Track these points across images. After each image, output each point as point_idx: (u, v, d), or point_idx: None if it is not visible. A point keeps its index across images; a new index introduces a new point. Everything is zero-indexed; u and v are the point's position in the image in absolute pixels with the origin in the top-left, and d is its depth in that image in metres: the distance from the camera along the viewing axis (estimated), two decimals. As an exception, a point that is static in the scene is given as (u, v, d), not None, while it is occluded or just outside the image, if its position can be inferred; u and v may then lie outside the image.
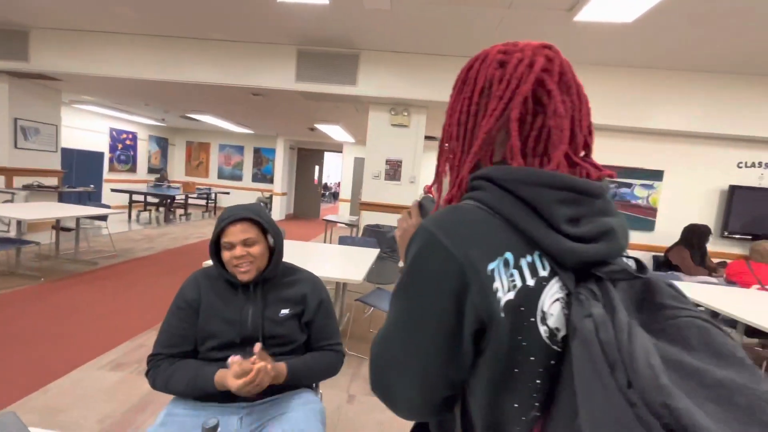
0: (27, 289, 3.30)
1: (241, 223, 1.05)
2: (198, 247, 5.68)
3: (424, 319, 0.44)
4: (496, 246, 0.42)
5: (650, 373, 0.33)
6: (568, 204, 0.42)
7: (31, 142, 5.60)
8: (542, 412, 0.43)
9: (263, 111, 6.33)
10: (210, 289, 1.10)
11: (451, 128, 0.54)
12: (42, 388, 1.97)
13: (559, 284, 0.42)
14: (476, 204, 0.45)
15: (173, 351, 1.05)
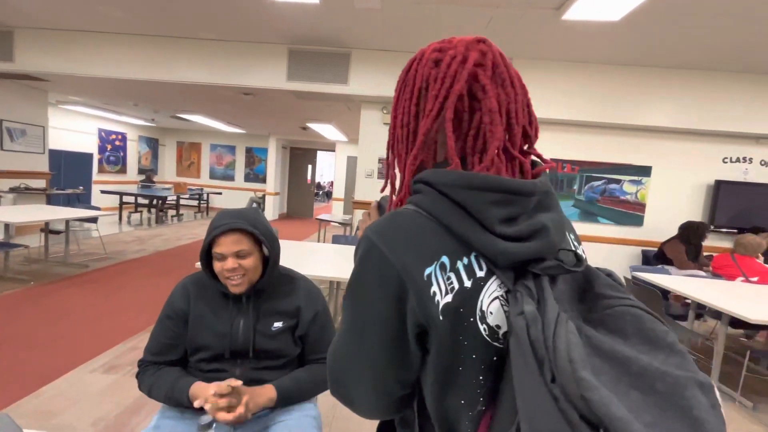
0: (16, 293, 3.26)
1: (233, 233, 0.99)
2: (190, 248, 5.64)
3: (369, 325, 0.46)
4: (433, 251, 0.43)
5: (569, 367, 0.34)
6: (500, 205, 0.43)
7: (18, 144, 5.51)
8: (487, 407, 0.44)
9: (255, 110, 6.29)
10: (200, 299, 1.05)
11: (395, 131, 0.54)
12: (35, 392, 1.96)
13: (498, 283, 0.43)
14: (415, 209, 0.46)
15: (160, 359, 1.03)
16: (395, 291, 0.43)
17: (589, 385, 0.33)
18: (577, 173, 4.30)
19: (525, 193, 0.44)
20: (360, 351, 0.47)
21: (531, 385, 0.37)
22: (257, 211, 1.07)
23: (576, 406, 0.33)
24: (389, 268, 0.43)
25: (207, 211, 9.65)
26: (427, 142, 0.50)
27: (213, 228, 0.99)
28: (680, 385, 0.34)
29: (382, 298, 0.44)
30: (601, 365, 0.36)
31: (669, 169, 4.29)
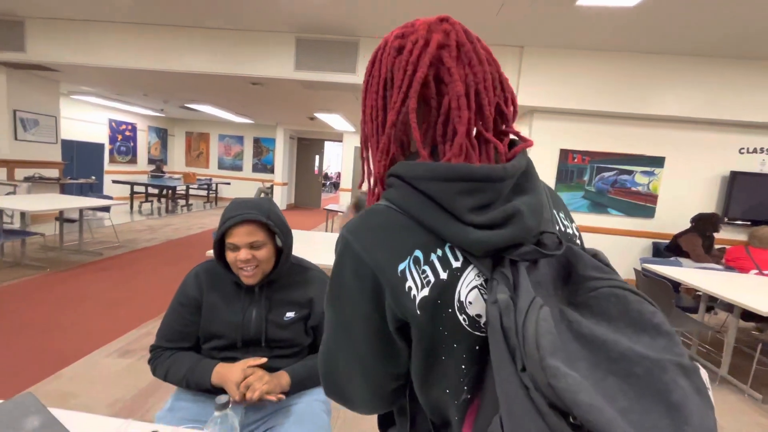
0: (34, 280, 3.35)
1: (248, 224, 0.98)
2: (200, 237, 5.72)
3: (353, 323, 0.46)
4: (405, 246, 0.43)
5: (537, 355, 0.34)
6: (469, 194, 0.42)
7: (31, 134, 5.60)
8: (473, 395, 0.44)
9: (262, 100, 6.29)
10: (212, 288, 1.06)
11: (365, 125, 0.53)
12: (54, 374, 2.03)
13: (476, 272, 0.43)
14: (387, 204, 0.46)
15: (173, 345, 1.05)
16: (371, 288, 0.44)
17: (556, 372, 0.32)
18: (588, 164, 4.25)
19: (494, 179, 0.42)
20: (347, 349, 0.47)
21: (505, 375, 0.37)
22: (271, 202, 1.07)
23: (545, 395, 0.33)
24: (363, 266, 0.44)
25: (216, 201, 9.75)
26: (396, 134, 0.49)
27: (227, 218, 0.98)
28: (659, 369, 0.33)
29: (361, 296, 0.44)
30: (580, 350, 0.36)
31: (683, 159, 4.21)
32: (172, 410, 1.01)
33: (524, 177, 0.46)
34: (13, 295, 3.01)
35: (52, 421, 0.80)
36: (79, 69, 4.83)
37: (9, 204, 3.65)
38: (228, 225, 0.97)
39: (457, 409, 0.45)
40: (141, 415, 1.76)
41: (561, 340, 0.35)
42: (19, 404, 0.84)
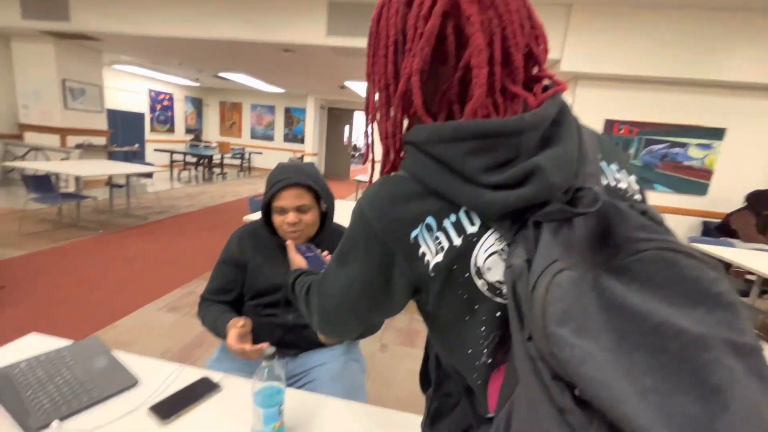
0: (88, 240, 3.64)
1: (296, 188, 1.00)
2: (235, 205, 5.94)
3: (353, 283, 0.48)
4: (417, 213, 0.42)
5: (541, 323, 0.32)
6: (479, 153, 0.39)
7: (79, 103, 5.89)
8: (495, 360, 0.43)
9: (294, 68, 6.24)
10: (256, 249, 1.09)
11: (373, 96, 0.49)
12: (111, 324, 2.23)
13: (496, 236, 0.41)
14: (401, 172, 0.45)
15: (216, 298, 1.12)
16: (380, 255, 0.44)
17: (560, 342, 0.30)
18: (636, 136, 3.95)
19: (509, 133, 0.39)
20: (345, 301, 0.50)
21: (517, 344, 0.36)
22: (315, 167, 1.09)
23: (549, 365, 0.31)
24: (374, 235, 0.44)
25: (249, 171, 10.01)
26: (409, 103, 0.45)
27: (275, 181, 1.01)
28: (699, 346, 0.28)
29: (366, 262, 0.46)
30: (608, 322, 0.32)
31: (747, 132, 3.82)
32: (219, 360, 1.09)
33: (555, 127, 0.41)
34: (72, 252, 3.29)
35: (115, 361, 0.89)
36: (119, 38, 4.96)
37: (64, 169, 3.92)
38: (277, 188, 1.00)
39: (478, 371, 0.44)
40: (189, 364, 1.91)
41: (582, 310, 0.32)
42: (87, 345, 0.93)
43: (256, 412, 0.68)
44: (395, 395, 1.84)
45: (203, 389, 0.82)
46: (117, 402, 0.77)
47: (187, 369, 0.89)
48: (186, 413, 0.76)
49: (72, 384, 0.79)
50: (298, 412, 0.79)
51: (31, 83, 5.59)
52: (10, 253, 3.09)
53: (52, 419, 0.69)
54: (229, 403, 0.80)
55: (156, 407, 0.75)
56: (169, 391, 0.81)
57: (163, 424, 0.72)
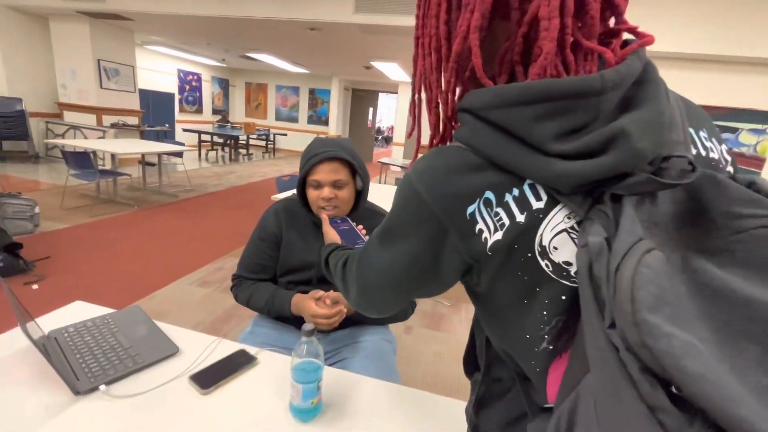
0: (124, 215, 3.79)
1: (333, 162, 0.98)
2: (261, 185, 6.03)
3: (399, 260, 0.44)
4: (474, 187, 0.38)
5: (629, 308, 0.27)
6: (550, 118, 0.34)
7: (113, 83, 6.06)
8: (556, 347, 0.40)
9: (319, 48, 6.16)
10: (291, 225, 1.08)
11: (422, 61, 0.45)
12: (148, 295, 2.33)
13: (566, 212, 0.36)
14: (456, 144, 0.41)
15: (253, 276, 1.12)
16: (431, 231, 0.41)
17: (653, 330, 0.26)
18: (681, 119, 3.69)
19: (587, 93, 0.34)
20: (388, 276, 0.47)
21: (592, 332, 0.32)
22: (351, 142, 1.05)
23: (638, 357, 0.27)
24: (425, 209, 0.40)
25: (274, 152, 10.12)
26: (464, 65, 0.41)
27: (311, 155, 0.98)
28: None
29: (415, 238, 0.42)
30: (704, 308, 0.28)
31: (808, 115, 3.49)
32: (252, 333, 1.10)
33: (638, 86, 0.36)
34: (110, 227, 3.44)
35: (156, 329, 0.91)
36: (151, 17, 5.01)
37: (101, 146, 4.07)
38: (314, 161, 0.97)
39: (536, 358, 0.41)
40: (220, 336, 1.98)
41: (674, 295, 0.28)
42: (129, 313, 0.96)
43: (295, 387, 0.67)
44: (421, 377, 1.84)
45: (241, 361, 0.83)
46: (159, 369, 0.79)
47: (224, 342, 0.90)
48: (225, 384, 0.76)
49: (117, 350, 0.81)
50: (334, 389, 0.79)
51: (69, 62, 5.78)
52: (53, 226, 3.26)
53: (100, 383, 0.72)
54: (266, 376, 0.81)
55: (196, 376, 0.76)
56: (208, 361, 0.82)
57: (203, 394, 0.73)
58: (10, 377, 0.73)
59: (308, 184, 1.01)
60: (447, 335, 2.21)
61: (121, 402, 0.70)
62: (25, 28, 5.60)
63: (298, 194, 1.04)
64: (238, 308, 2.28)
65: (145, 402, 0.70)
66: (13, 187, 4.04)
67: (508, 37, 0.39)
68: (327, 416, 0.72)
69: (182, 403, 0.71)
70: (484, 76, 0.39)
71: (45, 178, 4.98)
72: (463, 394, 1.74)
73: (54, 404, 0.68)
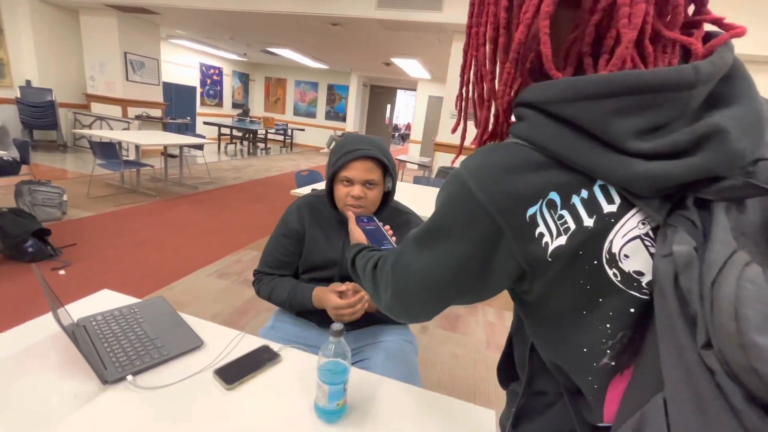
0: (147, 205, 3.87)
1: (368, 161, 0.96)
2: (278, 180, 6.08)
3: (443, 262, 0.41)
4: (537, 187, 0.35)
5: (733, 328, 0.25)
6: (631, 113, 0.31)
7: (138, 76, 6.20)
8: (618, 362, 0.37)
9: (340, 43, 6.15)
10: (314, 222, 1.07)
11: (476, 52, 0.42)
12: (168, 285, 2.37)
13: (640, 217, 0.34)
14: (515, 141, 0.38)
15: (275, 272, 1.11)
16: (483, 233, 0.38)
17: (766, 355, 0.23)
18: None
19: (679, 86, 0.31)
20: (430, 280, 0.43)
21: (676, 350, 0.29)
22: (384, 142, 1.04)
23: (743, 383, 0.24)
24: (479, 209, 0.37)
25: (291, 147, 10.20)
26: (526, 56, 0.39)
27: (346, 151, 0.96)
28: None
29: (465, 240, 0.39)
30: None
31: None
32: (273, 328, 1.10)
33: (726, 82, 0.33)
34: (132, 216, 3.52)
35: (180, 321, 0.91)
36: (176, 11, 5.10)
37: (126, 137, 4.16)
38: (349, 158, 0.95)
39: (594, 374, 0.38)
40: (238, 328, 2.00)
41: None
42: (154, 304, 0.96)
43: (321, 387, 0.66)
44: (437, 378, 1.82)
45: (265, 358, 0.82)
46: (183, 362, 0.78)
47: (247, 337, 0.90)
48: (249, 380, 0.76)
49: (143, 340, 0.81)
50: (357, 390, 0.77)
51: (97, 55, 5.94)
52: (79, 214, 3.36)
53: (127, 373, 0.72)
54: (290, 373, 0.80)
55: (221, 371, 0.76)
56: (232, 355, 0.82)
57: (227, 389, 0.72)
58: (41, 363, 0.73)
59: (338, 179, 0.99)
60: (464, 337, 2.17)
61: (148, 393, 0.69)
62: (57, 21, 5.77)
63: (326, 189, 1.03)
64: (256, 301, 2.30)
65: (171, 394, 0.70)
66: (43, 175, 4.18)
67: (574, 27, 0.36)
68: (351, 418, 0.71)
69: (207, 397, 0.70)
70: (553, 67, 0.36)
71: (72, 167, 5.14)
72: (480, 399, 1.72)
73: (82, 392, 0.68)
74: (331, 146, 9.42)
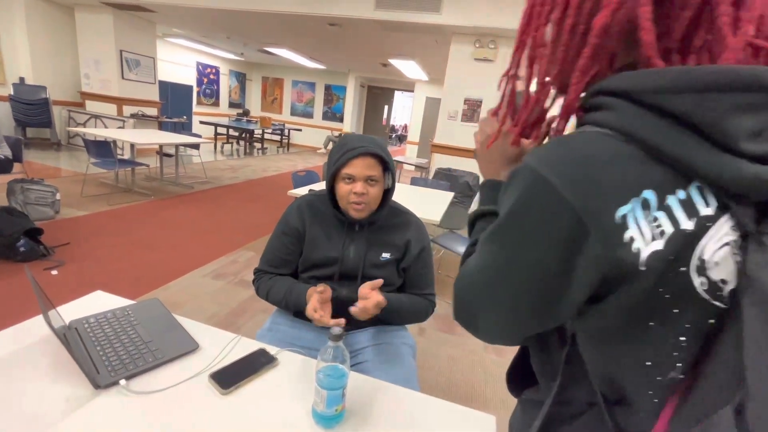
0: (141, 205, 3.84)
1: (369, 157, 0.98)
2: (274, 180, 6.05)
3: (521, 269, 0.37)
4: (630, 184, 0.32)
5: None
6: (751, 110, 0.29)
7: (134, 74, 6.15)
8: (686, 375, 0.35)
9: (338, 44, 6.14)
10: (314, 221, 1.08)
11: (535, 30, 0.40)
12: (163, 285, 2.34)
13: (731, 224, 0.32)
14: (599, 131, 0.35)
15: (275, 271, 1.10)
16: (568, 234, 0.34)
17: None
18: None
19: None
20: (499, 289, 0.39)
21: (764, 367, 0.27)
22: (383, 139, 1.04)
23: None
24: (562, 206, 0.33)
25: (288, 147, 10.16)
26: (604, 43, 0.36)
27: (348, 148, 0.97)
28: None
29: (544, 241, 0.35)
30: None
31: None
32: (270, 330, 1.09)
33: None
34: (127, 215, 3.49)
35: (175, 324, 0.89)
36: (173, 9, 5.06)
37: (121, 136, 4.12)
38: (350, 155, 0.96)
39: (658, 387, 0.36)
40: (234, 330, 1.97)
41: None
42: (148, 306, 0.94)
43: (320, 393, 0.65)
44: (434, 381, 1.81)
45: (262, 361, 0.80)
46: (178, 365, 0.77)
47: (243, 340, 0.88)
48: (245, 384, 0.74)
49: (137, 343, 0.80)
50: (356, 395, 0.76)
51: (92, 53, 5.89)
52: (73, 213, 3.32)
53: (120, 377, 0.70)
54: (287, 378, 0.78)
55: (216, 375, 0.74)
56: (228, 359, 0.80)
57: (223, 393, 0.71)
58: (32, 367, 0.72)
59: (339, 177, 1.00)
60: (461, 339, 2.17)
61: (141, 398, 0.68)
62: (52, 18, 5.72)
63: (327, 188, 1.03)
64: (252, 302, 2.28)
65: (165, 399, 0.68)
66: (36, 173, 4.13)
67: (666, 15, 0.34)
68: (349, 423, 0.69)
69: (202, 402, 0.69)
70: (656, 55, 0.34)
71: (66, 165, 5.08)
72: (477, 402, 1.71)
73: (74, 397, 0.66)
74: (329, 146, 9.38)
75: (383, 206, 1.05)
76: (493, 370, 1.94)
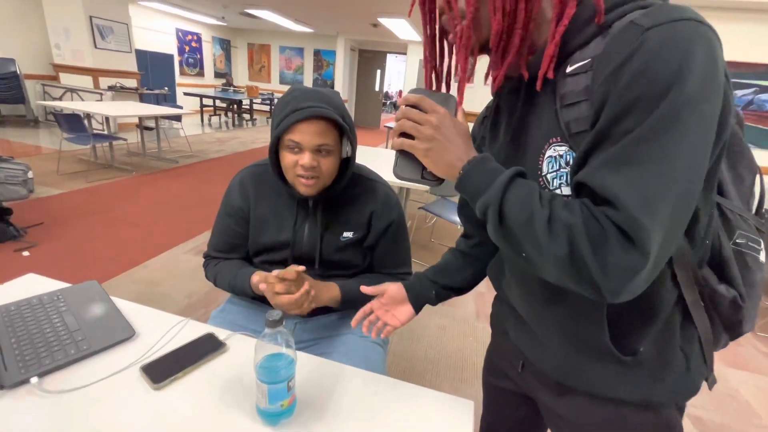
0: (122, 181, 3.68)
1: (320, 121, 0.77)
2: (263, 151, 5.84)
3: (698, 135, 0.35)
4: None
5: None
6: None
7: (108, 42, 5.78)
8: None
9: (324, 2, 5.73)
10: (260, 198, 0.91)
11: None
12: (142, 263, 2.25)
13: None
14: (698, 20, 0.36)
15: (223, 256, 0.98)
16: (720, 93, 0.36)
17: None
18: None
19: None
20: (694, 177, 0.36)
21: None
22: (339, 96, 0.83)
23: None
24: (722, 60, 0.36)
25: (278, 117, 9.81)
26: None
27: (292, 109, 0.76)
28: None
29: (716, 101, 0.36)
30: None
31: None
32: (224, 311, 0.99)
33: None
34: (107, 192, 3.34)
35: (113, 309, 0.78)
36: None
37: (94, 109, 3.90)
38: (295, 118, 0.75)
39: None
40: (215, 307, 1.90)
41: None
42: (85, 290, 0.83)
43: (260, 387, 0.54)
44: (423, 352, 1.75)
45: (206, 348, 0.70)
46: (108, 358, 0.67)
47: (192, 323, 0.78)
48: (183, 376, 0.64)
49: (60, 333, 0.69)
50: (310, 381, 0.67)
51: (60, 20, 5.50)
52: (48, 192, 3.17)
53: (31, 374, 0.60)
54: (235, 366, 0.68)
55: (148, 367, 0.64)
56: (169, 347, 0.70)
57: (154, 388, 0.61)
58: (-71, 365, 0.61)
59: (284, 144, 0.80)
60: (451, 308, 2.10)
61: (54, 398, 0.58)
62: (12, -18, 5.29)
63: (270, 157, 0.84)
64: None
65: (83, 398, 0.58)
66: (13, 152, 3.95)
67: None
68: (301, 417, 0.60)
69: (128, 400, 0.59)
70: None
71: (46, 143, 4.87)
72: (468, 371, 1.65)
73: (-27, 400, 0.56)
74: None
75: (342, 178, 0.87)
76: (484, 339, 1.88)
